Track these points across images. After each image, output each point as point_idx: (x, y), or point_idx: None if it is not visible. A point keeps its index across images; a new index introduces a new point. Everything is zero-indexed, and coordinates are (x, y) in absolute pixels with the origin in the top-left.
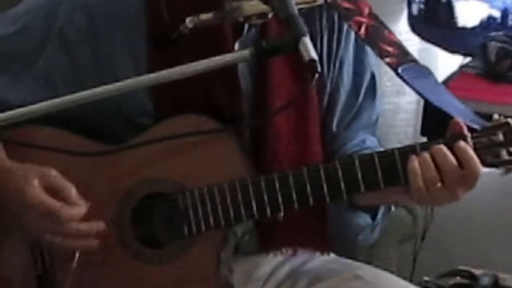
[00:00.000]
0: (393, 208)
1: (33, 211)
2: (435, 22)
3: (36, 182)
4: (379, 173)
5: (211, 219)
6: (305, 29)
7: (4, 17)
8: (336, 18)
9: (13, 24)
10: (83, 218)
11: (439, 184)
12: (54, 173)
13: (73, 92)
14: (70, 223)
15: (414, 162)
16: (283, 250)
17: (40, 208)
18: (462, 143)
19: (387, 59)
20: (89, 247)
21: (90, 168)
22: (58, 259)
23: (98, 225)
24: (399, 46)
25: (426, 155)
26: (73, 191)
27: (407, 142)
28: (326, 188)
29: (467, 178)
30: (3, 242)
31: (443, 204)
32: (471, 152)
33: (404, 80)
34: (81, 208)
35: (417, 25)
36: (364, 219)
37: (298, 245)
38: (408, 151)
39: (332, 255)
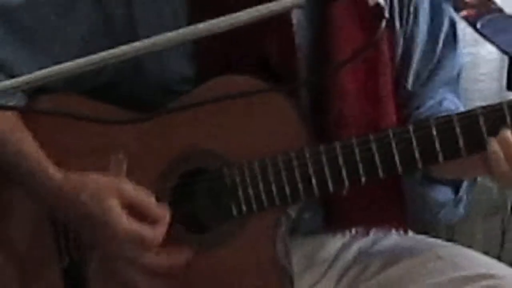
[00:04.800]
0: (479, 178)
1: (117, 242)
2: None
3: (118, 208)
4: (460, 139)
5: (264, 198)
6: None
7: None
8: None
9: None
10: None
11: None
12: (128, 186)
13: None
14: (150, 257)
15: (506, 133)
16: (353, 229)
17: (128, 239)
18: None
19: (464, 12)
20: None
21: (135, 140)
22: (88, 251)
23: (181, 258)
24: None
25: None
26: (153, 203)
27: (491, 98)
28: (398, 158)
29: None
30: (19, 220)
31: None
32: None
33: (485, 36)
34: (165, 220)
35: None
36: (443, 193)
37: (371, 223)
38: (493, 110)
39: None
